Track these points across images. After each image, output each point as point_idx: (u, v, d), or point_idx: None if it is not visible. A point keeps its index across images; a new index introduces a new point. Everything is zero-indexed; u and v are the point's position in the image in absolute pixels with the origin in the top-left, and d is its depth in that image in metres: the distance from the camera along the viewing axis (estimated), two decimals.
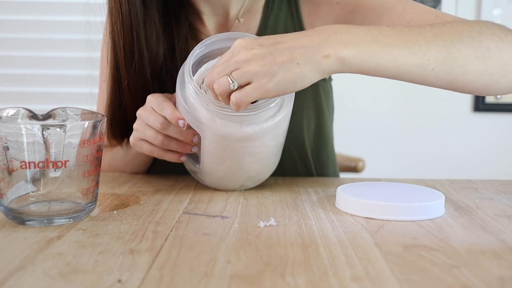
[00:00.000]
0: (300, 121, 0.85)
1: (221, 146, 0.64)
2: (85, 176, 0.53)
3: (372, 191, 0.62)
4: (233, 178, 0.68)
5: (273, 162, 0.71)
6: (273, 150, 0.68)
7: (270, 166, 0.71)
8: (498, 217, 0.58)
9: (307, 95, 0.85)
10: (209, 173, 0.69)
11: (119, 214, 0.57)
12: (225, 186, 0.70)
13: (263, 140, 0.64)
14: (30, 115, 0.52)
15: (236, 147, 0.64)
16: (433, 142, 1.73)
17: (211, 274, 0.39)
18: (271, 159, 0.70)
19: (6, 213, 0.52)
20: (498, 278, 0.40)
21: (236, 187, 0.70)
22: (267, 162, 0.69)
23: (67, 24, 1.72)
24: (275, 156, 0.70)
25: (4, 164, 0.51)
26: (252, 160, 0.66)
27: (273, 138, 0.65)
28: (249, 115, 0.60)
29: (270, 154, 0.68)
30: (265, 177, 0.72)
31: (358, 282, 0.38)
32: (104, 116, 0.55)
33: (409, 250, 0.46)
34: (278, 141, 0.68)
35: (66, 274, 0.39)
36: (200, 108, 0.61)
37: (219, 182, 0.70)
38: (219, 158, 0.66)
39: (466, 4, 1.69)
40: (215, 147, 0.64)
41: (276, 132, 0.65)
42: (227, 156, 0.65)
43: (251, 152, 0.65)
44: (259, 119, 0.61)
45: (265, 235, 0.50)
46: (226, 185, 0.70)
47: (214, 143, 0.64)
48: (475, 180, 0.81)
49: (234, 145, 0.63)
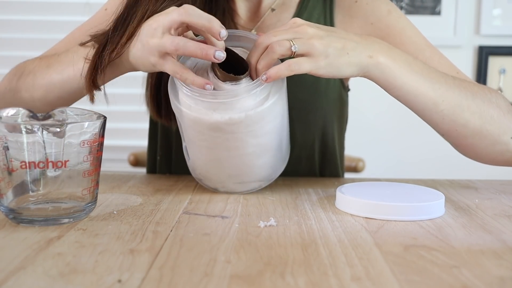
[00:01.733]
0: (312, 137, 0.85)
1: (196, 133, 0.62)
2: (85, 176, 0.53)
3: (372, 191, 0.62)
4: (213, 171, 0.66)
5: (258, 165, 0.66)
6: (254, 150, 0.63)
7: (254, 169, 0.66)
8: (498, 217, 0.58)
9: (332, 101, 0.85)
10: (193, 164, 0.68)
11: (119, 214, 0.57)
12: (208, 179, 0.68)
13: (237, 135, 0.60)
14: (30, 115, 0.52)
15: (209, 137, 0.61)
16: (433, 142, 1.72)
17: (211, 274, 0.39)
18: (254, 160, 0.65)
19: (6, 213, 0.52)
20: (498, 278, 0.40)
21: (218, 184, 0.68)
22: (248, 162, 0.64)
23: (67, 24, 1.71)
24: (259, 158, 0.65)
25: (4, 164, 0.51)
26: (229, 155, 0.63)
27: (252, 136, 0.61)
28: (224, 101, 0.58)
29: (251, 153, 0.63)
30: (250, 180, 0.67)
31: (358, 282, 0.38)
32: (104, 116, 0.55)
33: (409, 250, 0.46)
34: (260, 141, 0.63)
35: (66, 274, 0.39)
36: (180, 90, 0.61)
37: (202, 173, 0.68)
38: (197, 147, 0.65)
39: (466, 4, 1.68)
40: (192, 135, 0.63)
41: (254, 129, 0.61)
42: (203, 145, 0.63)
43: (226, 146, 0.62)
44: (231, 108, 0.58)
45: (265, 235, 0.50)
46: (210, 177, 0.68)
47: (190, 130, 0.63)
48: (475, 180, 0.81)
49: (207, 134, 0.61)
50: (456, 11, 1.69)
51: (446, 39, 1.68)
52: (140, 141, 1.61)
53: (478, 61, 1.70)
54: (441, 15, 1.69)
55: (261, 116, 0.60)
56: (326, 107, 0.85)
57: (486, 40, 1.70)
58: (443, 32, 1.69)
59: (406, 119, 1.78)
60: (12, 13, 1.72)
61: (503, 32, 1.70)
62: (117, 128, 1.65)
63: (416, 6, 1.68)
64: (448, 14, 1.69)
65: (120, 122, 1.66)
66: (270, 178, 0.70)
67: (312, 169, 0.88)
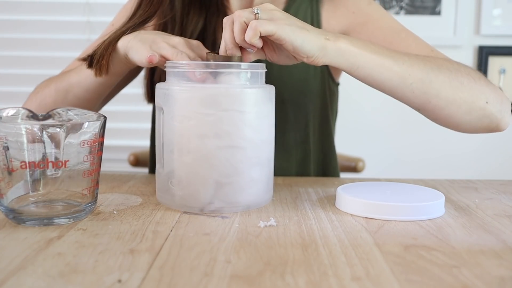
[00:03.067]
0: (305, 119, 0.89)
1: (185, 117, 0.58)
2: (85, 176, 0.53)
3: (372, 191, 0.62)
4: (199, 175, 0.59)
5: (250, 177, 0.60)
6: (246, 146, 0.59)
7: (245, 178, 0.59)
8: (498, 217, 0.58)
9: (315, 95, 0.90)
10: (171, 170, 0.61)
11: (119, 214, 0.57)
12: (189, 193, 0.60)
13: (231, 113, 0.57)
14: (30, 115, 0.52)
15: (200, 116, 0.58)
16: (433, 142, 1.73)
17: (211, 274, 0.39)
18: (246, 163, 0.59)
19: (6, 213, 0.52)
20: (498, 278, 0.40)
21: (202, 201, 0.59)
22: (239, 163, 0.59)
23: (67, 24, 1.72)
24: (252, 165, 0.60)
25: (4, 164, 0.51)
26: (219, 145, 0.58)
27: (246, 122, 0.58)
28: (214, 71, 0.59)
29: (243, 148, 0.59)
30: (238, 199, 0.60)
31: (358, 282, 0.38)
32: (104, 116, 0.55)
33: (409, 250, 0.46)
34: (253, 136, 0.59)
35: (66, 274, 0.39)
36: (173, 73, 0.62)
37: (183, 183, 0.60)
38: (185, 139, 0.59)
39: (466, 4, 1.68)
40: (180, 126, 0.59)
41: (248, 111, 0.58)
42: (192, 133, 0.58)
43: (218, 128, 0.57)
44: (228, 81, 0.59)
45: (265, 235, 0.50)
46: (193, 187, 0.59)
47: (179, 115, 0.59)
48: (475, 180, 0.81)
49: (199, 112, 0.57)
50: (456, 11, 1.69)
51: (446, 39, 1.68)
52: (140, 141, 1.61)
53: (478, 61, 1.70)
54: (441, 15, 1.69)
55: (255, 97, 0.59)
56: (315, 93, 0.90)
57: (486, 40, 1.70)
58: (443, 32, 1.69)
59: (406, 119, 1.78)
60: (12, 13, 1.72)
61: (503, 32, 1.70)
62: (117, 128, 1.65)
63: (416, 6, 1.68)
64: (448, 14, 1.69)
65: (120, 122, 1.66)
66: (256, 204, 0.62)
67: (307, 156, 0.91)
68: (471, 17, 1.70)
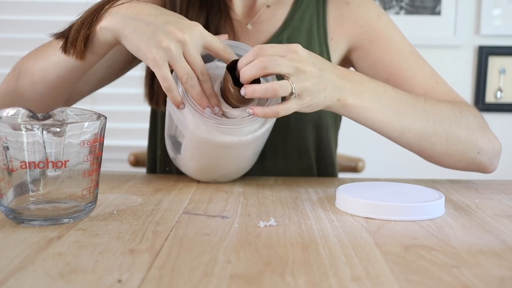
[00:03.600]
0: (307, 130, 0.87)
1: (200, 147, 0.67)
2: (85, 176, 0.53)
3: (372, 191, 0.62)
4: (207, 173, 0.73)
5: (247, 165, 0.75)
6: (249, 157, 0.72)
7: (244, 168, 0.76)
8: (498, 217, 0.58)
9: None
10: (186, 164, 0.73)
11: (119, 214, 0.57)
12: (199, 177, 0.75)
13: (240, 150, 0.67)
14: (30, 115, 0.52)
15: (214, 151, 0.67)
16: None
17: (211, 274, 0.39)
18: (246, 162, 0.74)
19: (6, 213, 0.52)
20: (498, 278, 0.40)
21: (209, 180, 0.75)
22: (241, 165, 0.73)
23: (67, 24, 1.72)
24: (250, 160, 0.74)
25: (4, 164, 0.51)
26: (227, 163, 0.70)
27: (251, 148, 0.69)
28: (232, 128, 0.63)
29: (246, 160, 0.72)
30: (238, 176, 0.77)
31: (358, 282, 0.38)
32: (104, 116, 0.55)
33: (409, 250, 0.46)
34: (256, 151, 0.72)
35: (66, 274, 0.39)
36: (188, 110, 0.63)
37: (194, 173, 0.75)
38: (197, 156, 0.70)
39: (466, 4, 1.68)
40: (195, 147, 0.68)
41: (255, 145, 0.69)
42: (204, 156, 0.69)
43: (228, 157, 0.68)
44: (240, 132, 0.64)
45: (265, 235, 0.50)
46: (200, 176, 0.75)
47: (195, 144, 0.67)
48: (475, 180, 0.81)
49: (213, 150, 0.66)
50: (456, 11, 1.69)
51: (446, 39, 1.68)
52: (140, 141, 1.61)
53: (478, 61, 1.70)
54: (441, 15, 1.69)
55: (264, 136, 0.69)
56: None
57: (486, 40, 1.70)
58: (443, 32, 1.69)
59: None
60: (12, 13, 1.72)
61: (503, 32, 1.70)
62: (117, 128, 1.65)
63: (416, 6, 1.68)
64: (448, 14, 1.69)
65: (120, 122, 1.66)
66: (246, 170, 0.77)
67: (309, 164, 0.89)
68: (471, 17, 1.70)
